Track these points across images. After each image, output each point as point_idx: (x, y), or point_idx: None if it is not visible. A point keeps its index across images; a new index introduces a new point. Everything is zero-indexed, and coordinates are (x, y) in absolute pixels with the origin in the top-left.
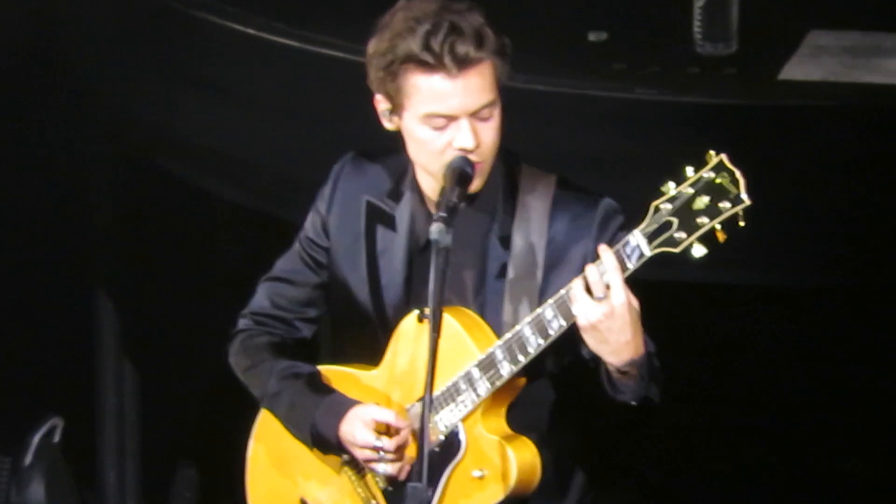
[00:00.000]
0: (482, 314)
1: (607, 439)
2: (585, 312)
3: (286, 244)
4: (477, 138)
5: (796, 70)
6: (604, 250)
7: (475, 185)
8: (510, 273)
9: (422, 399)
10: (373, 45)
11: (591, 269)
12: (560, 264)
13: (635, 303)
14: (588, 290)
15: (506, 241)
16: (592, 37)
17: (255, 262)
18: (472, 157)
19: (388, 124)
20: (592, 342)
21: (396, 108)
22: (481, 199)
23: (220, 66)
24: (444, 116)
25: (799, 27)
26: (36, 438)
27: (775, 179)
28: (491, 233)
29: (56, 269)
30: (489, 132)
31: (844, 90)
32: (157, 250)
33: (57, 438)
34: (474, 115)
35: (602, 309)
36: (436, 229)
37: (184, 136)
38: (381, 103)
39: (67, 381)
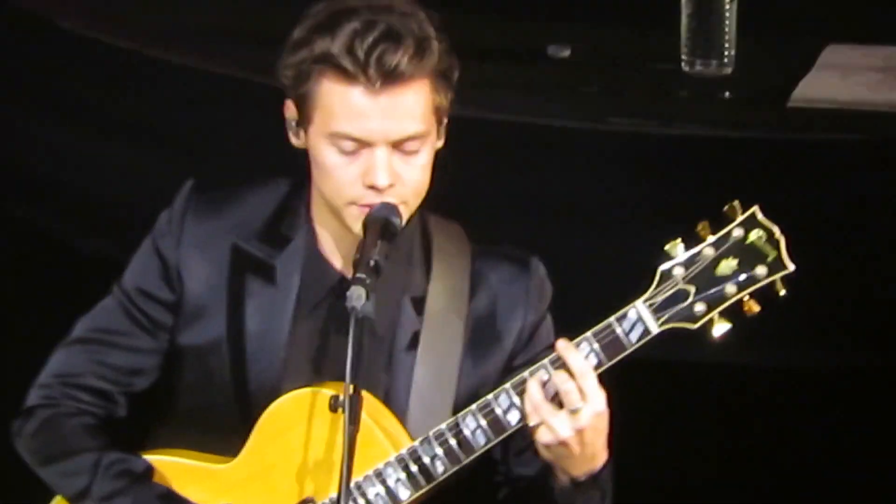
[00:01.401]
0: (386, 396)
1: None
2: (551, 428)
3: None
4: (394, 175)
5: (810, 92)
6: (565, 348)
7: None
8: (423, 346)
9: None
10: (292, 36)
11: (553, 374)
12: (486, 341)
13: (605, 401)
14: (551, 396)
15: (419, 306)
16: (552, 51)
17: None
18: (385, 198)
19: (295, 139)
20: (552, 456)
21: (304, 120)
22: (394, 254)
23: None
24: (355, 140)
25: (813, 40)
26: None
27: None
28: (404, 294)
29: None
30: (413, 171)
31: (869, 119)
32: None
33: None
34: (396, 146)
35: (576, 423)
36: (355, 294)
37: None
38: (289, 110)
39: None
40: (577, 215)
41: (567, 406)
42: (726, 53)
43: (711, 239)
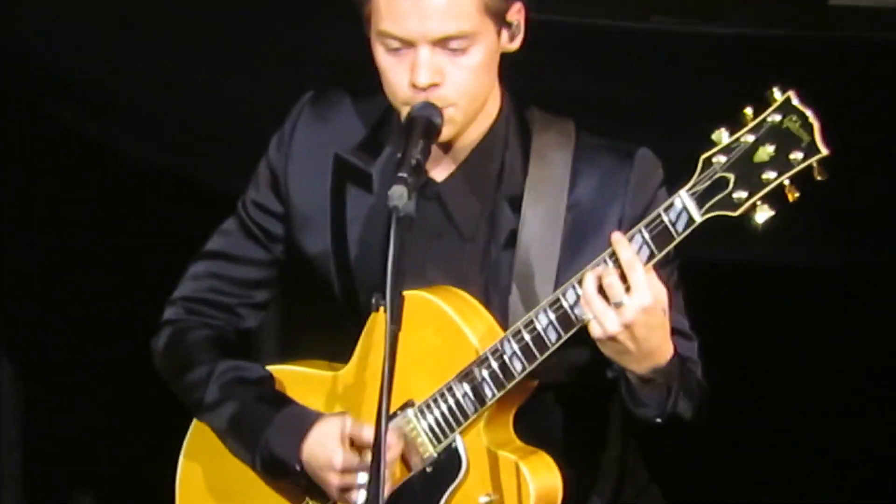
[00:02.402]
0: (485, 295)
1: (642, 452)
2: (600, 322)
3: (219, 218)
4: (439, 74)
5: None
6: (617, 241)
7: (446, 134)
8: (521, 244)
9: (405, 406)
10: None
11: (604, 268)
12: (586, 234)
13: (663, 296)
14: (601, 290)
15: (516, 204)
16: None
17: (175, 236)
18: (432, 98)
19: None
20: (609, 352)
21: (366, 24)
22: (485, 152)
23: None
24: (398, 39)
25: None
26: None
27: (836, 129)
28: (499, 193)
29: None
30: (461, 70)
31: None
32: (43, 223)
33: None
34: (440, 45)
35: (623, 317)
36: (396, 193)
37: (80, 77)
38: (364, 13)
39: None
40: (621, 114)
41: (611, 299)
42: None
43: (749, 126)
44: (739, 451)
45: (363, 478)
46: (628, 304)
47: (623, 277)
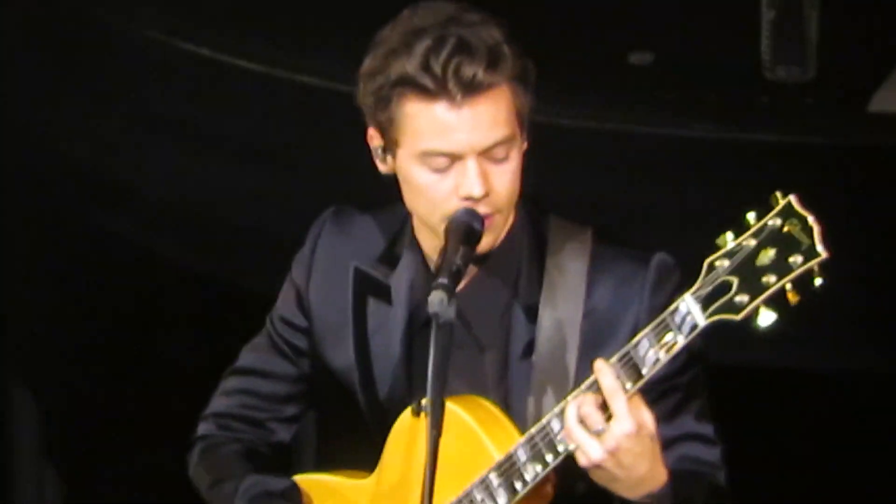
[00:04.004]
0: (505, 404)
1: None
2: (584, 450)
3: (258, 323)
4: (487, 184)
5: (890, 99)
6: (599, 368)
7: (485, 243)
8: (538, 353)
9: None
10: (365, 65)
11: (583, 398)
12: (603, 341)
13: (649, 423)
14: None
15: (532, 313)
16: (635, 59)
17: (215, 346)
18: (482, 209)
19: (382, 166)
20: (600, 480)
21: (390, 145)
22: (501, 261)
23: (167, 95)
24: (446, 155)
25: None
26: None
27: (861, 234)
28: (514, 303)
29: None
30: (504, 177)
31: None
32: (88, 330)
33: None
34: (485, 154)
35: (605, 444)
36: (436, 298)
37: (123, 182)
38: (374, 139)
39: None
40: (659, 220)
41: (590, 428)
42: (809, 59)
43: (752, 230)
44: None
45: None
46: (610, 432)
47: (604, 406)
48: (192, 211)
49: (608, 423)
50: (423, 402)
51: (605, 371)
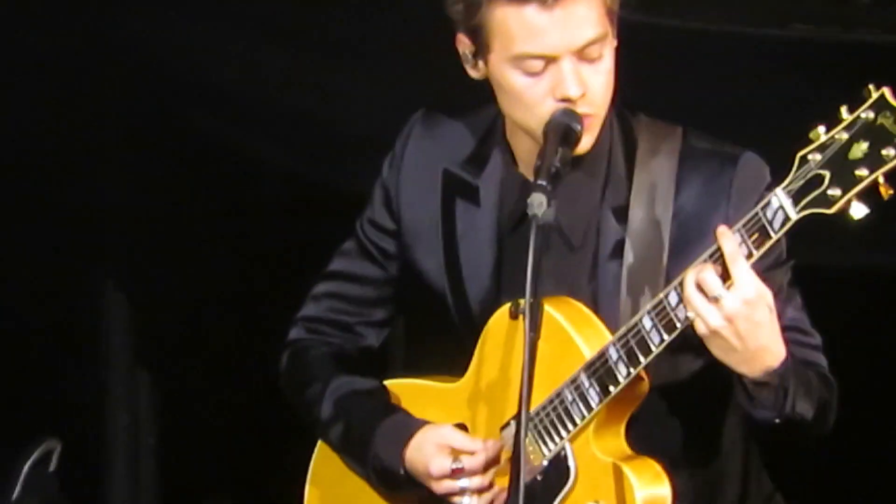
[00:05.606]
0: (594, 305)
1: (760, 462)
2: (702, 318)
3: (350, 225)
4: (584, 84)
5: None
6: (721, 233)
7: (584, 144)
8: (628, 253)
9: (517, 416)
10: None
11: (702, 266)
12: (691, 241)
13: (767, 293)
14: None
15: (622, 214)
16: None
17: (310, 248)
18: (579, 109)
19: (473, 71)
20: (717, 351)
21: (481, 50)
22: (590, 161)
23: None
24: (540, 57)
25: None
26: (26, 467)
27: None
28: (604, 203)
29: (54, 254)
30: (599, 76)
31: None
32: (183, 232)
33: (53, 466)
34: (579, 54)
35: (724, 311)
36: (536, 200)
37: (217, 82)
38: (464, 44)
39: (68, 396)
40: (756, 120)
41: (708, 293)
42: None
43: (844, 123)
44: (867, 460)
45: (464, 483)
46: (728, 297)
47: (724, 275)
48: (285, 111)
49: (727, 290)
50: (521, 303)
51: (727, 236)
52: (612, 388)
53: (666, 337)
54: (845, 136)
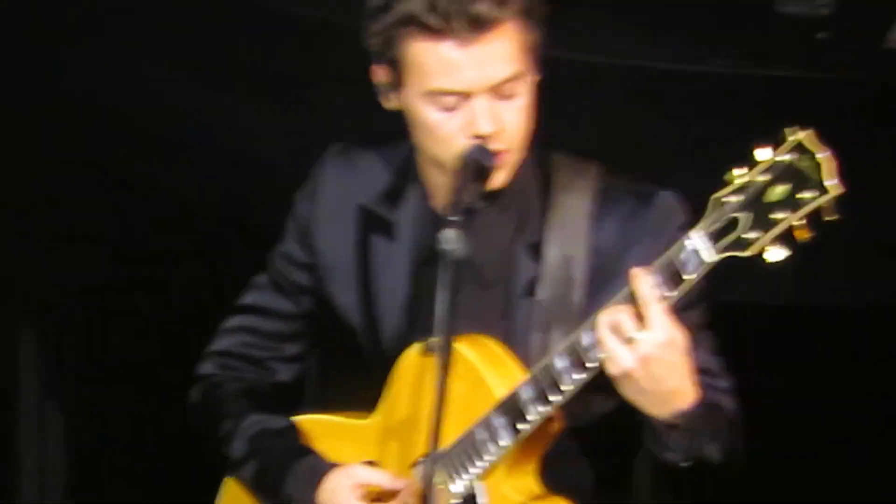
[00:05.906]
0: (508, 342)
1: (671, 501)
2: (615, 358)
3: (261, 259)
4: (497, 121)
5: None
6: (634, 275)
7: (498, 180)
8: (542, 290)
9: (428, 455)
10: (370, 4)
11: (616, 308)
12: (609, 279)
13: (681, 337)
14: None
15: (535, 251)
16: None
17: (225, 282)
18: (493, 146)
19: (388, 103)
20: (628, 392)
21: (397, 83)
22: (505, 198)
23: (170, 27)
24: (454, 93)
25: None
26: None
27: (874, 171)
28: (518, 239)
29: None
30: (515, 113)
31: None
32: (88, 263)
33: None
34: (494, 91)
35: (636, 353)
36: (448, 236)
37: (129, 115)
38: (379, 76)
39: None
40: (669, 156)
41: (621, 335)
42: None
43: (763, 165)
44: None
45: None
46: (642, 339)
47: (638, 316)
48: (195, 144)
49: (640, 332)
50: (432, 340)
51: (640, 278)
52: (523, 428)
53: (578, 377)
54: (761, 178)
